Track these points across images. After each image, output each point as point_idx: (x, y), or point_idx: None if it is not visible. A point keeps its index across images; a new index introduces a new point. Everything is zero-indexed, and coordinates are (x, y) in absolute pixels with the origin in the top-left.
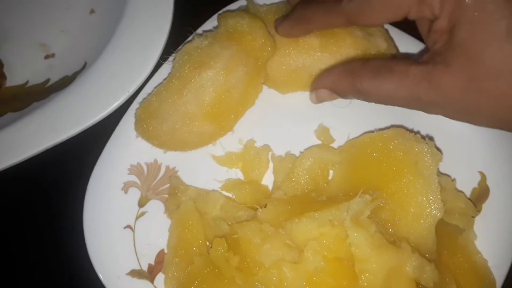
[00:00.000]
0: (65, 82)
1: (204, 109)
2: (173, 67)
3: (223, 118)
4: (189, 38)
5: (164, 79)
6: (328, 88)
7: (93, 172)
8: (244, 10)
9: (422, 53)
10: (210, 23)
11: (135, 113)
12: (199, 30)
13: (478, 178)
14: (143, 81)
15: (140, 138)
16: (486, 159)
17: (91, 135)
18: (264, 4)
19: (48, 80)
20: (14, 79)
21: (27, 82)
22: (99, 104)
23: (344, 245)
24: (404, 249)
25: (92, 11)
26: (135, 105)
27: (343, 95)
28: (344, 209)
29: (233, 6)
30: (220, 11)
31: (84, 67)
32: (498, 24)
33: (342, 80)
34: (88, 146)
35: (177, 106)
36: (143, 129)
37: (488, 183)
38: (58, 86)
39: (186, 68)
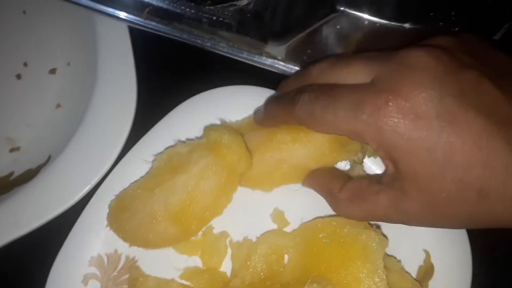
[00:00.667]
0: (29, 175)
1: (170, 211)
2: (151, 167)
3: (187, 223)
4: (172, 144)
5: (142, 177)
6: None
7: (54, 265)
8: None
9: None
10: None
11: (110, 204)
12: (183, 137)
13: (423, 256)
14: (104, 174)
15: (101, 230)
16: (429, 237)
17: (54, 226)
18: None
19: (12, 173)
20: None
21: None
22: (62, 197)
23: None
24: None
25: (58, 106)
26: (95, 198)
27: None
28: None
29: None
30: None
31: (48, 160)
32: (433, 157)
33: (325, 197)
34: (50, 237)
35: (146, 204)
36: (113, 220)
37: (433, 260)
38: (22, 179)
39: (163, 170)
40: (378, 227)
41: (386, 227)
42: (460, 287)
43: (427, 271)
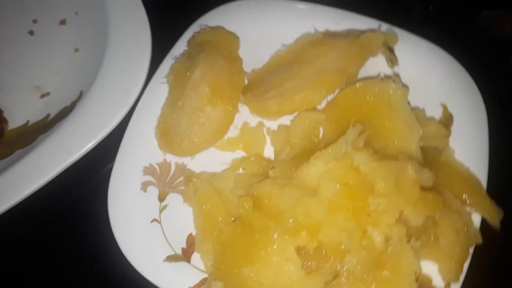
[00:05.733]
0: (66, 112)
1: (205, 98)
2: (168, 86)
3: (224, 101)
4: (172, 61)
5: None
6: None
7: (111, 178)
8: None
9: None
10: (181, 44)
11: (155, 136)
12: (176, 52)
13: (441, 109)
14: (139, 93)
15: (146, 143)
16: (445, 93)
17: (104, 148)
18: None
19: (48, 115)
20: (15, 122)
21: (28, 122)
22: (105, 119)
23: (351, 172)
24: (401, 158)
25: (76, 50)
26: (135, 116)
27: None
28: (343, 142)
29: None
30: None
31: (80, 95)
32: None
33: None
34: (102, 158)
35: (184, 108)
36: (166, 144)
37: (451, 111)
38: (60, 117)
39: (179, 79)
40: (397, 75)
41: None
42: (479, 134)
43: (447, 120)
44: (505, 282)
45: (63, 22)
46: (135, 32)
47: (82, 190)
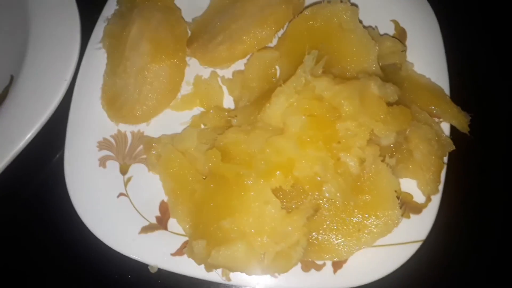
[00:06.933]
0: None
1: (148, 56)
2: (106, 51)
3: (169, 55)
4: (105, 24)
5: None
6: None
7: (65, 161)
8: None
9: None
10: (111, 4)
11: (102, 107)
12: (107, 14)
13: (392, 26)
14: (76, 65)
15: (94, 117)
16: (394, 9)
17: (51, 132)
18: None
19: None
20: None
21: None
22: (44, 100)
23: (314, 101)
24: (363, 77)
25: None
26: (77, 91)
27: None
28: (301, 72)
29: None
30: None
31: (12, 80)
32: None
33: None
34: (52, 142)
35: (127, 71)
36: (116, 114)
37: (403, 26)
38: None
39: (115, 42)
40: None
41: None
42: (434, 44)
43: (400, 35)
44: (481, 187)
45: None
46: (59, 6)
47: (37, 180)
